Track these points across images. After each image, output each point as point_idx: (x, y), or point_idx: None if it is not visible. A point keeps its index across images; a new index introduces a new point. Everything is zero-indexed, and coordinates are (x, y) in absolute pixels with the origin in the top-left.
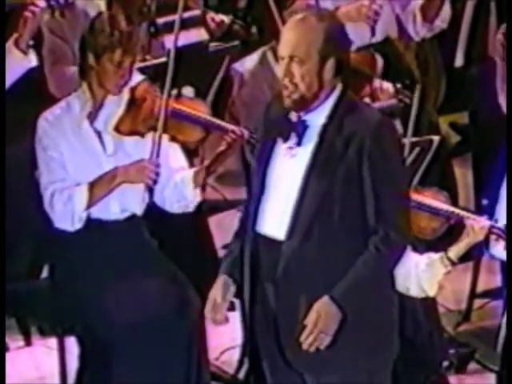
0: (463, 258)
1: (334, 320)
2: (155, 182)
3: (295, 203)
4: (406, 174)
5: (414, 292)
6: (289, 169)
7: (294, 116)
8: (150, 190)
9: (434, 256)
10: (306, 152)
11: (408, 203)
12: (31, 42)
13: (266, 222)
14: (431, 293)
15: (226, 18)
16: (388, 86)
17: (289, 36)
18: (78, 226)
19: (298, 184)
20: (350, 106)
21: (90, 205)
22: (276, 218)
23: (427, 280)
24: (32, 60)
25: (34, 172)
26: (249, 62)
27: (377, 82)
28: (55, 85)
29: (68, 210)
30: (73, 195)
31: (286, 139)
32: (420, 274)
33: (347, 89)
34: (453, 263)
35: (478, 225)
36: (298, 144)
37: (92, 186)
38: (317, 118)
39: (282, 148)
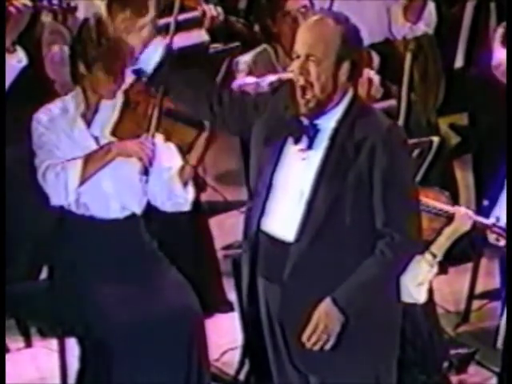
0: (462, 260)
1: (335, 322)
2: (150, 162)
3: (305, 206)
4: (414, 180)
5: (405, 296)
6: (299, 171)
7: (305, 119)
8: (146, 171)
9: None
10: (316, 155)
11: (417, 209)
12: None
13: (272, 222)
14: (419, 296)
15: (221, 14)
16: (376, 77)
17: (306, 36)
18: (72, 198)
19: (309, 187)
20: (361, 110)
21: (83, 178)
22: (285, 220)
23: (411, 280)
24: (22, 59)
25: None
26: (248, 55)
27: (365, 72)
28: (61, 84)
29: (61, 182)
30: (66, 167)
31: (296, 141)
32: (405, 275)
33: (358, 93)
34: (440, 261)
35: (463, 213)
36: (309, 147)
37: (86, 159)
38: (328, 122)
39: (291, 149)
